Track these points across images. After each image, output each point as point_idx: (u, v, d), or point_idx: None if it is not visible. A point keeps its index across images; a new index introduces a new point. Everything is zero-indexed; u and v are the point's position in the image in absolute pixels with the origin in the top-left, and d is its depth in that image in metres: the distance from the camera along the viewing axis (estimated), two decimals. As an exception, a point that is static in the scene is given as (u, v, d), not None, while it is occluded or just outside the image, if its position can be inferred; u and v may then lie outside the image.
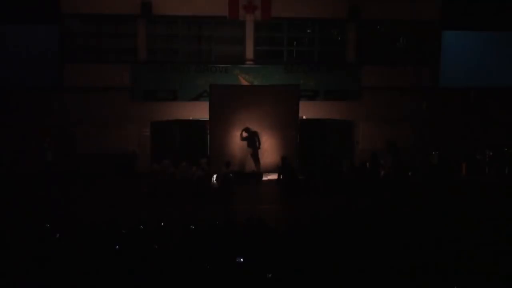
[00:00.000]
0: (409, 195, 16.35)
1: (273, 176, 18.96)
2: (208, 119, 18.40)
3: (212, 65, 19.62)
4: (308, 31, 20.57)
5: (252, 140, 18.61)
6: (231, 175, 17.08)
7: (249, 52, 19.90)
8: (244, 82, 19.62)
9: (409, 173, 18.34)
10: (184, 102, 19.56)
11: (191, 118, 19.55)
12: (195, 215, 13.08)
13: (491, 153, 19.82)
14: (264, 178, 19.07)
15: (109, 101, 19.34)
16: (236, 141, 18.56)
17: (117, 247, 10.30)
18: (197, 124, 19.33)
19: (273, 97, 18.43)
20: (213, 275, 9.02)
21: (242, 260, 9.39)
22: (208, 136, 18.62)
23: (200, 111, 19.14)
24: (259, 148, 18.68)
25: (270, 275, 8.74)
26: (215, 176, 17.25)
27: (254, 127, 18.54)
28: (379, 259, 9.43)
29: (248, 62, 19.89)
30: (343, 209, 12.65)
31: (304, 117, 19.57)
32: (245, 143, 18.60)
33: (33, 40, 18.84)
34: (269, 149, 18.72)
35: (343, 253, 9.72)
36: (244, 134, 18.54)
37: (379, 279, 8.83)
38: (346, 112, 20.27)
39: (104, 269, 9.20)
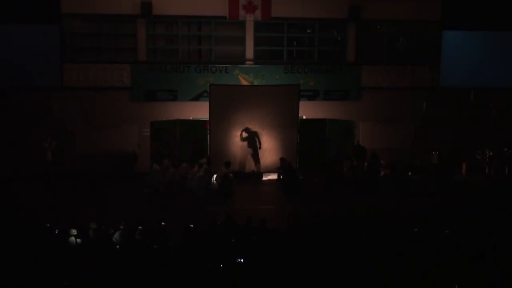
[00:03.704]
0: (408, 195, 16.41)
1: (273, 176, 19.00)
2: (208, 119, 18.39)
3: (212, 65, 19.61)
4: (308, 31, 20.55)
5: (252, 140, 18.62)
6: (231, 175, 17.10)
7: (249, 52, 19.89)
8: (244, 82, 19.61)
9: (409, 173, 18.38)
10: (184, 102, 19.55)
11: (191, 118, 19.54)
12: (195, 215, 13.08)
13: (491, 153, 19.83)
14: (264, 178, 19.09)
15: (109, 101, 19.34)
16: (236, 141, 18.56)
17: (118, 247, 10.32)
18: (197, 124, 19.32)
19: (273, 97, 18.43)
20: (213, 275, 9.02)
21: (242, 260, 9.40)
22: (208, 136, 18.61)
23: (200, 111, 19.14)
24: (259, 148, 18.68)
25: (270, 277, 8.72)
26: (215, 176, 17.27)
27: (254, 127, 18.55)
28: (379, 259, 9.43)
29: (248, 62, 19.88)
30: (344, 209, 12.64)
31: (304, 117, 19.57)
32: (245, 143, 18.61)
33: (33, 40, 18.82)
34: (269, 149, 18.72)
35: (343, 253, 9.72)
36: (244, 134, 18.54)
37: (379, 278, 8.83)
38: (346, 112, 20.26)
39: (104, 268, 9.21)
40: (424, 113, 20.64)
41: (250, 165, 18.78)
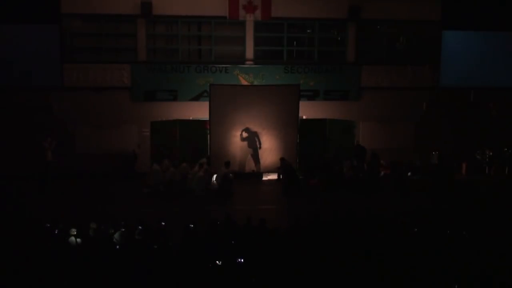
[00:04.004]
0: (407, 195, 16.40)
1: (273, 176, 19.00)
2: (208, 119, 18.39)
3: (212, 65, 19.61)
4: (308, 31, 20.54)
5: (252, 140, 18.62)
6: (231, 175, 17.09)
7: (249, 52, 19.89)
8: (244, 82, 19.61)
9: (409, 173, 18.37)
10: (184, 102, 19.55)
11: (191, 118, 19.54)
12: (195, 215, 13.09)
13: (491, 153, 19.82)
14: (264, 178, 19.09)
15: (109, 101, 19.34)
16: (236, 141, 18.55)
17: (118, 247, 10.33)
18: (197, 124, 19.32)
19: (273, 97, 18.41)
20: (213, 275, 9.02)
21: (242, 260, 9.40)
22: (208, 136, 18.61)
23: (200, 111, 19.13)
24: (259, 148, 18.69)
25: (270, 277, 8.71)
26: (215, 176, 17.26)
27: (254, 127, 18.54)
28: (379, 259, 9.43)
29: (248, 62, 19.88)
30: (344, 209, 12.65)
31: (304, 117, 19.57)
32: (245, 143, 18.60)
33: (33, 40, 18.82)
34: (269, 149, 18.71)
35: (343, 253, 9.72)
36: (244, 134, 18.54)
37: (380, 278, 8.83)
38: (346, 112, 20.25)
39: (104, 268, 9.21)
40: (424, 113, 20.64)
41: (250, 165, 18.78)
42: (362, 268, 9.04)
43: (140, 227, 10.91)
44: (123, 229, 10.98)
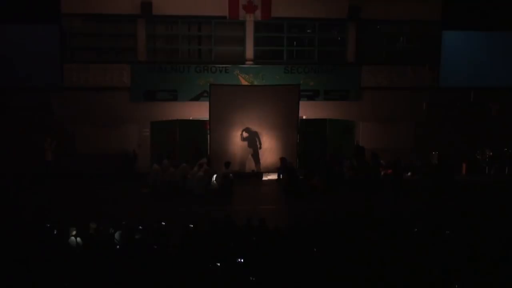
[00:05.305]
0: (406, 195, 16.40)
1: (273, 176, 19.01)
2: (208, 119, 18.39)
3: (212, 65, 19.62)
4: (308, 31, 20.55)
5: (253, 140, 18.63)
6: (231, 175, 17.10)
7: (249, 52, 19.89)
8: (244, 82, 19.61)
9: (409, 173, 18.37)
10: (184, 102, 19.55)
11: (191, 118, 19.55)
12: (195, 215, 13.09)
13: (491, 153, 19.84)
14: (264, 178, 19.10)
15: (109, 101, 19.34)
16: (236, 141, 18.56)
17: (118, 247, 10.32)
18: (197, 124, 19.32)
19: (273, 97, 18.43)
20: (213, 275, 9.02)
21: (242, 260, 9.40)
22: (208, 136, 18.61)
23: (200, 111, 19.14)
24: (259, 148, 18.69)
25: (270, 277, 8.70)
26: (215, 176, 17.27)
27: (254, 127, 18.55)
28: (379, 259, 9.43)
29: (248, 62, 19.88)
30: (344, 209, 12.64)
31: (304, 117, 19.58)
32: (245, 143, 18.61)
33: (33, 40, 18.82)
34: (269, 149, 18.73)
35: (343, 253, 9.72)
36: (245, 134, 18.56)
37: (380, 279, 8.82)
38: (346, 112, 20.26)
39: (104, 268, 9.21)
40: (424, 113, 20.64)
41: (250, 165, 18.78)
42: (361, 268, 9.04)
43: (140, 227, 10.91)
44: (123, 229, 10.97)
